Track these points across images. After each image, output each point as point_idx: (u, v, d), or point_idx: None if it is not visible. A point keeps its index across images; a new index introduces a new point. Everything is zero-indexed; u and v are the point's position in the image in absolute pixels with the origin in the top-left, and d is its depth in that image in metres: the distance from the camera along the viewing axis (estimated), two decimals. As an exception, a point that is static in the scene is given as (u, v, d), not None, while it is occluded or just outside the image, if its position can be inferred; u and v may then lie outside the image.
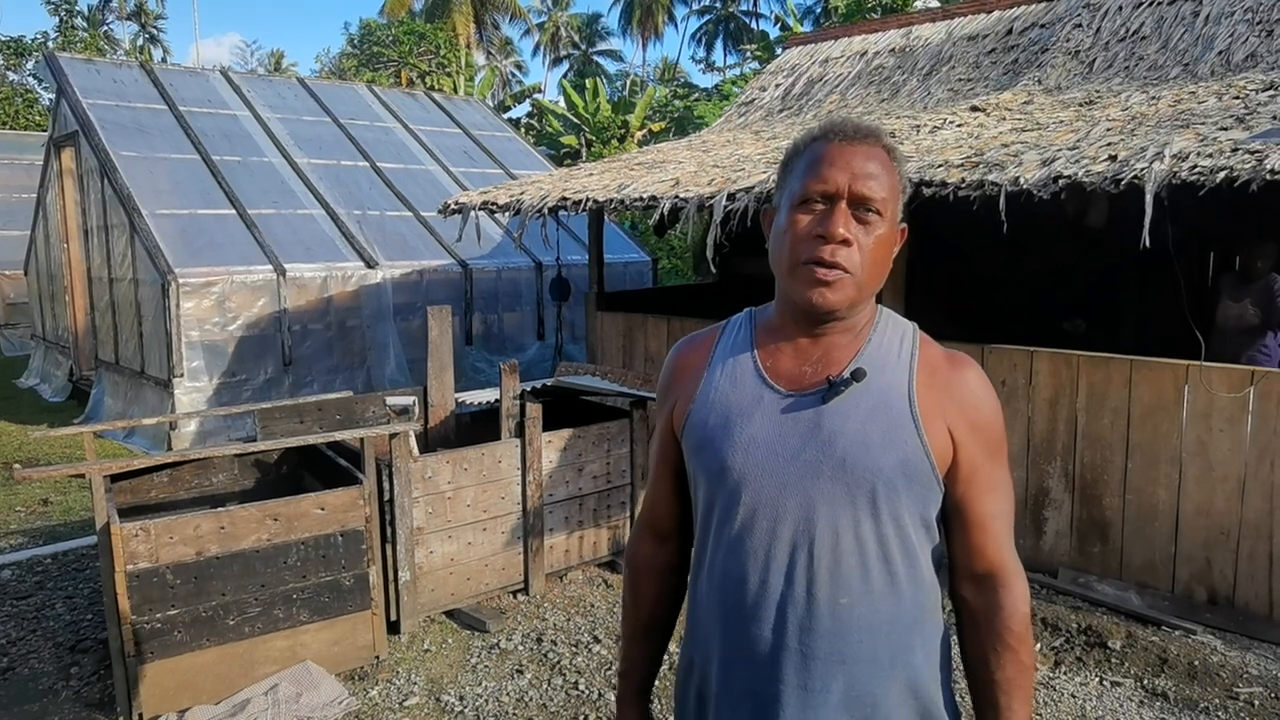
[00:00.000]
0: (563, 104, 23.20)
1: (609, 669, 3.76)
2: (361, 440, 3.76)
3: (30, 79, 23.13)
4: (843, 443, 1.26)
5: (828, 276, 1.25)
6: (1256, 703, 3.46)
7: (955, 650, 1.41)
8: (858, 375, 1.28)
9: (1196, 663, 3.72)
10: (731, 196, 5.10)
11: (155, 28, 36.04)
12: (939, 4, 12.17)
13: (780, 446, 1.29)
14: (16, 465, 6.86)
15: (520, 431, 4.36)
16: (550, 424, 4.52)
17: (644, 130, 21.16)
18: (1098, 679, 3.69)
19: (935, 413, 1.29)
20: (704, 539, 1.39)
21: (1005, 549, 1.33)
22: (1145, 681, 3.65)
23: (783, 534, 1.28)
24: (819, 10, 26.89)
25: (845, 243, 1.25)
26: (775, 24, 27.06)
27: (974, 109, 6.49)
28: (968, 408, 1.31)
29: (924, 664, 1.31)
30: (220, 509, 3.44)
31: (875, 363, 1.30)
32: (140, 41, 35.03)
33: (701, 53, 41.72)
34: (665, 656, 1.59)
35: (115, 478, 3.92)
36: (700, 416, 1.37)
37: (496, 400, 4.78)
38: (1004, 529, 1.33)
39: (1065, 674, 3.73)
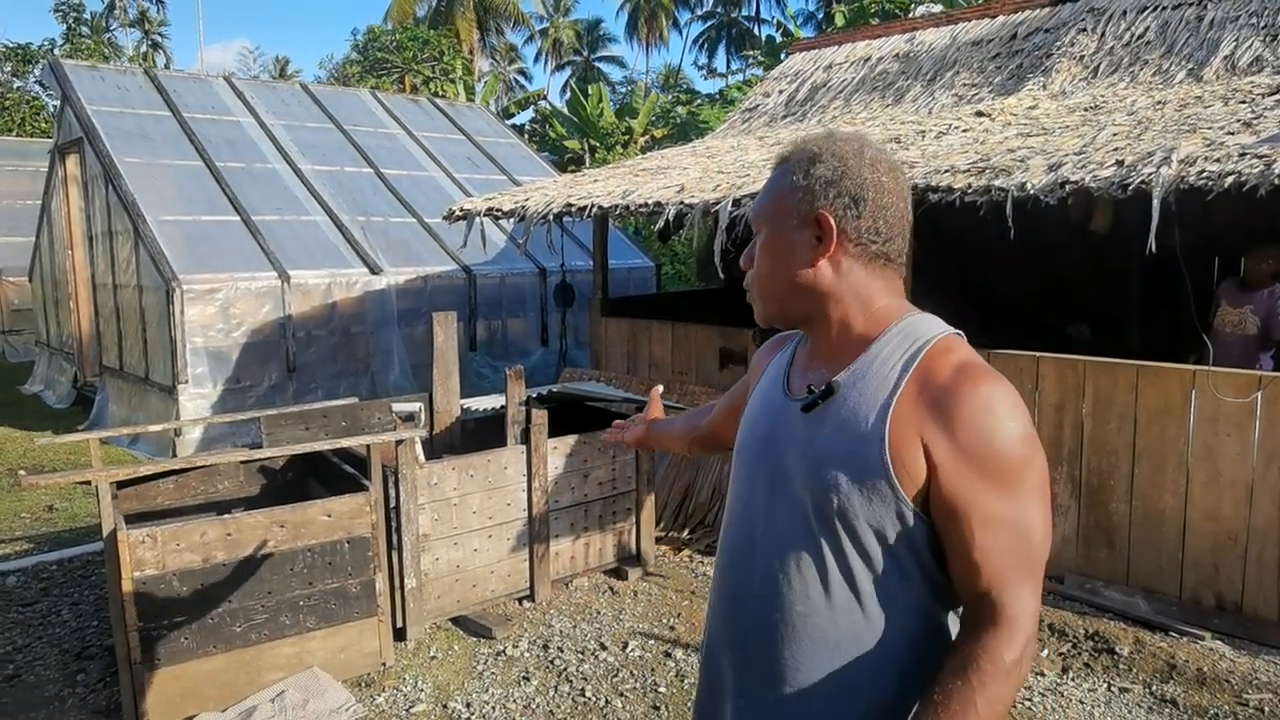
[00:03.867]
0: (566, 110, 23.21)
1: (616, 676, 3.75)
2: (367, 447, 3.76)
3: (36, 86, 23.21)
4: (812, 453, 1.26)
5: (749, 299, 1.38)
6: (1267, 709, 3.44)
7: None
8: (829, 388, 1.26)
9: (1205, 669, 3.70)
10: (736, 202, 5.11)
11: (159, 34, 36.13)
12: (941, 9, 12.17)
13: (769, 450, 1.34)
14: (22, 472, 6.87)
15: (525, 438, 4.36)
16: (555, 430, 4.51)
17: (647, 136, 21.17)
18: (1106, 685, 3.67)
19: (912, 430, 1.18)
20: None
21: (1007, 588, 1.16)
22: (1154, 688, 3.63)
23: (759, 539, 1.32)
24: (820, 16, 26.93)
25: (751, 267, 1.37)
26: (777, 30, 27.08)
27: (979, 114, 6.49)
28: (958, 428, 1.16)
29: (896, 692, 1.23)
30: (227, 516, 3.45)
31: (861, 374, 1.25)
32: (144, 48, 35.11)
33: (704, 58, 41.83)
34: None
35: (121, 484, 3.92)
36: (745, 412, 1.48)
37: (502, 406, 4.78)
38: (1003, 568, 1.16)
39: (1073, 680, 3.72)
